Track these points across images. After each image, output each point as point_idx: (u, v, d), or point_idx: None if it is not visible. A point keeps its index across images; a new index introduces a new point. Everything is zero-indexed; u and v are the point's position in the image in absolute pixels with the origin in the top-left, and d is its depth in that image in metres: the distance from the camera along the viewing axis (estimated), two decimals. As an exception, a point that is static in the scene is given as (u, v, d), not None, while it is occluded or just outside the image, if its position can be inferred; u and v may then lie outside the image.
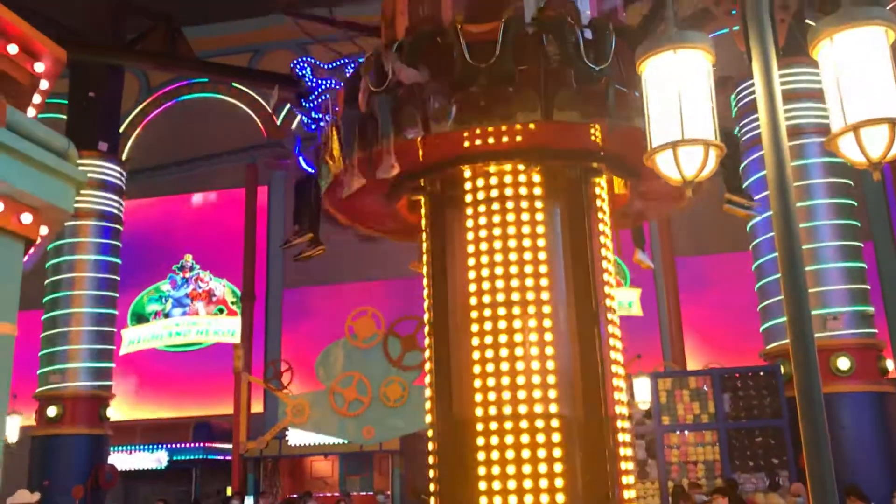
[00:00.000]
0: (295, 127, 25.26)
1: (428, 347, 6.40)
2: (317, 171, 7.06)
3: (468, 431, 5.96)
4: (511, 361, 5.95)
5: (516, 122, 5.92)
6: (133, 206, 23.15)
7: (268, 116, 25.70)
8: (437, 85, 5.99)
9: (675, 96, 3.41)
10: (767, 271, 15.80)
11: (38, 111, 5.65)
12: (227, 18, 24.81)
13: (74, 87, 20.29)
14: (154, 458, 22.21)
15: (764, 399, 14.12)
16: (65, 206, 4.54)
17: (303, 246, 7.78)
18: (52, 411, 18.30)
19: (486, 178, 6.31)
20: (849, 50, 3.26)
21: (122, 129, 23.87)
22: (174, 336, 24.89)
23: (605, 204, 6.65)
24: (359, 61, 7.20)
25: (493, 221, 6.22)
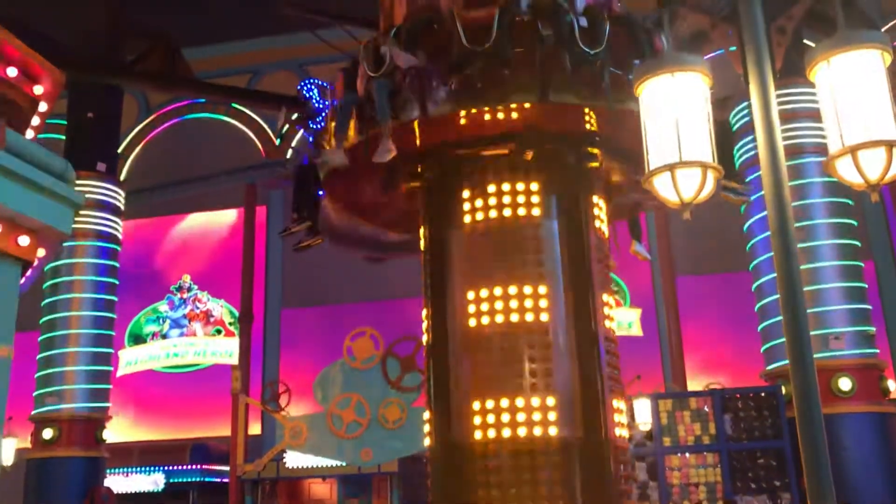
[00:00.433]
0: (295, 144, 25.34)
1: (427, 369, 6.37)
2: (318, 152, 7.08)
3: (467, 454, 5.91)
4: (510, 384, 5.92)
5: (512, 103, 5.98)
6: (131, 227, 23.16)
7: (266, 137, 25.77)
8: (434, 68, 6.04)
9: (673, 119, 3.41)
10: (767, 291, 15.78)
11: (37, 133, 5.66)
12: (226, 39, 24.94)
13: (73, 108, 20.34)
14: (151, 481, 22.04)
15: (765, 420, 14.05)
16: (63, 229, 4.53)
17: (301, 235, 7.83)
18: (48, 433, 18.18)
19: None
20: (845, 73, 3.27)
21: (121, 150, 23.92)
22: (172, 357, 24.80)
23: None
24: None
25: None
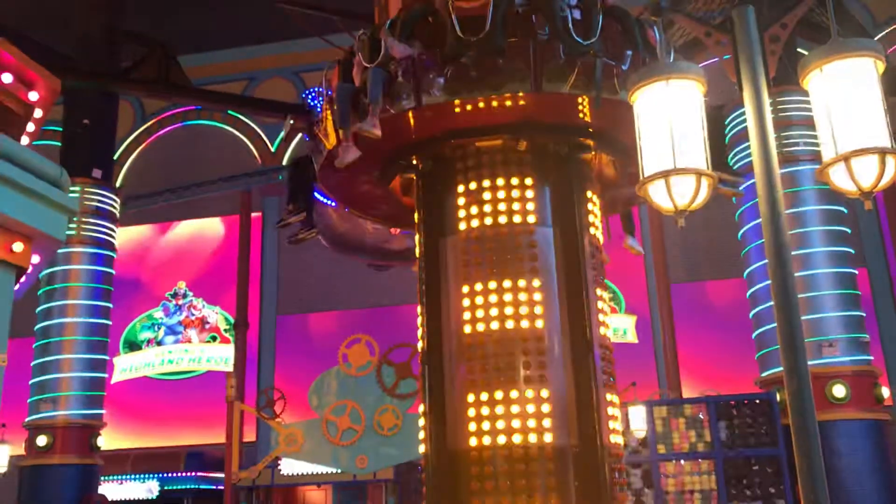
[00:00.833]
0: (291, 152, 25.34)
1: (422, 375, 6.36)
2: (315, 144, 7.10)
3: (462, 461, 5.90)
4: (505, 390, 5.91)
5: (506, 92, 6.02)
6: (126, 233, 23.12)
7: (262, 144, 25.78)
8: (429, 58, 6.11)
9: (667, 126, 3.43)
10: (762, 299, 15.81)
11: (33, 139, 5.66)
12: (223, 46, 24.98)
13: (69, 114, 20.32)
14: (145, 488, 21.95)
15: (760, 427, 14.05)
16: (57, 235, 4.53)
17: (296, 227, 7.87)
18: (42, 440, 18.11)
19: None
20: (839, 81, 3.29)
21: (117, 156, 23.90)
22: (166, 364, 24.74)
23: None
24: None
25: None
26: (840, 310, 15.31)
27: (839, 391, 14.74)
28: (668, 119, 3.45)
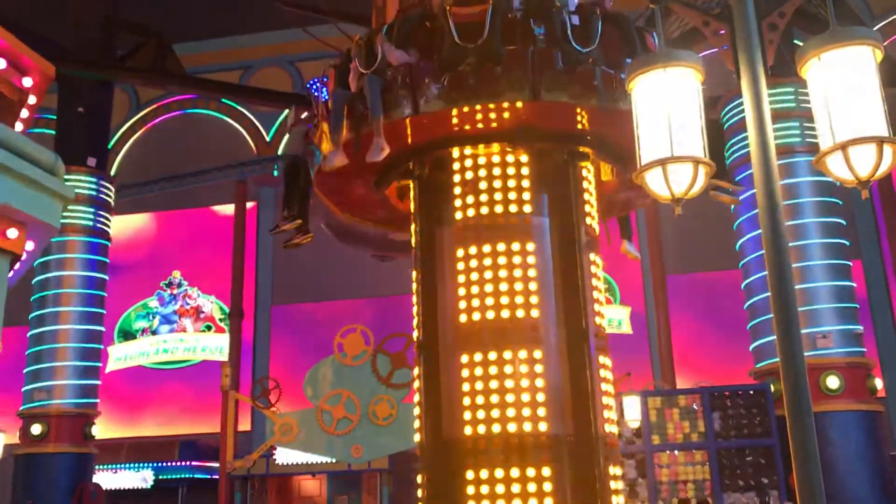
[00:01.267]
0: (286, 142, 25.27)
1: (417, 365, 6.36)
2: (308, 150, 7.04)
3: (457, 450, 5.91)
4: (500, 380, 5.92)
5: (504, 100, 5.96)
6: (121, 222, 23.06)
7: (257, 133, 25.71)
8: (426, 65, 6.04)
9: (665, 114, 3.41)
10: (756, 290, 15.85)
11: (26, 126, 5.63)
12: (218, 35, 24.86)
13: (63, 103, 20.25)
14: (140, 477, 21.97)
15: (754, 418, 14.10)
16: (51, 222, 4.51)
17: (291, 232, 7.79)
18: (36, 429, 18.10)
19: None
20: (837, 69, 3.27)
21: (111, 145, 23.82)
22: (161, 353, 24.72)
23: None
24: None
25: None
26: (834, 302, 15.37)
27: (833, 382, 14.81)
28: (665, 107, 3.44)
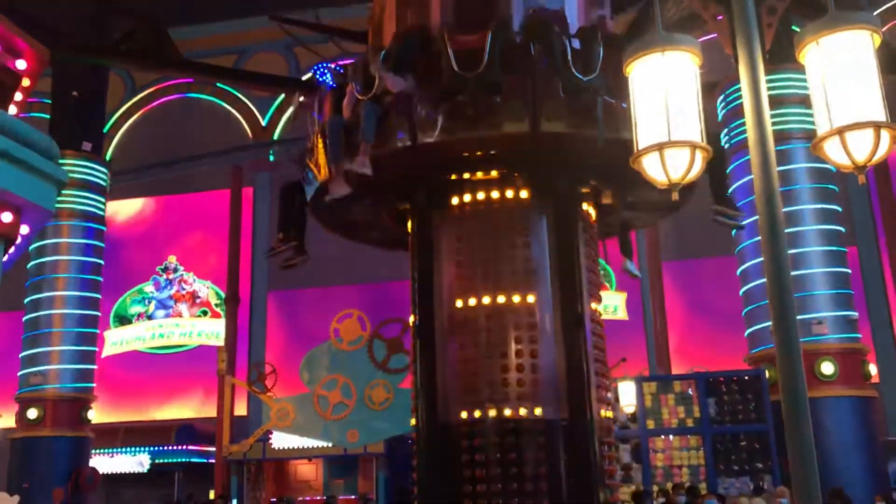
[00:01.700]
0: (282, 126, 25.17)
1: (413, 349, 6.37)
2: (307, 174, 6.95)
3: (453, 434, 5.93)
4: (496, 365, 5.93)
5: (504, 132, 5.83)
6: (117, 207, 23.00)
7: (253, 118, 25.61)
8: (425, 94, 5.91)
9: (662, 98, 3.40)
10: (752, 276, 15.87)
11: (21, 109, 5.60)
12: (213, 19, 24.70)
13: (58, 87, 20.14)
14: (136, 461, 22.02)
15: (749, 404, 14.14)
16: (46, 206, 4.50)
17: (288, 254, 7.70)
18: (32, 413, 18.12)
19: (473, 186, 6.23)
20: (835, 53, 3.26)
21: (107, 129, 23.71)
22: (157, 338, 24.73)
23: (592, 211, 6.60)
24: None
25: (479, 231, 6.14)
26: (830, 288, 15.40)
27: (827, 368, 14.87)
28: (663, 91, 3.42)
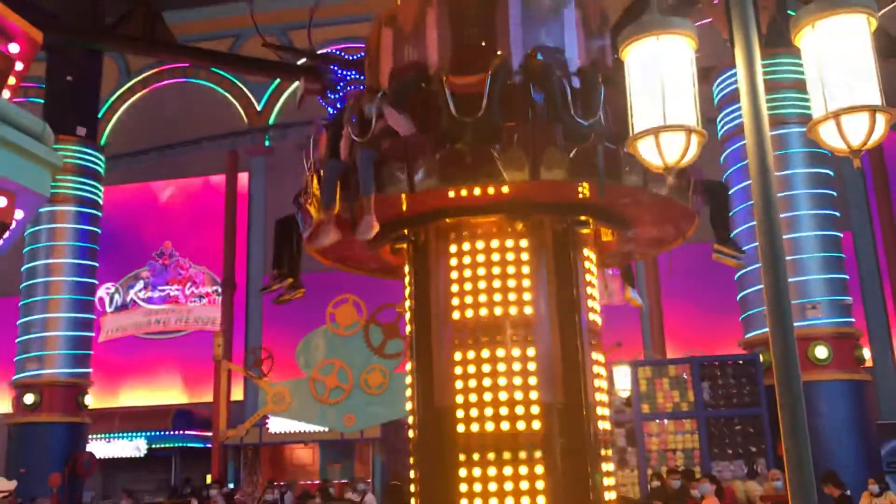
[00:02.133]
0: (278, 111, 25.08)
1: (409, 335, 6.38)
2: (298, 216, 6.89)
3: (449, 418, 5.95)
4: (492, 348, 5.95)
5: (503, 181, 5.74)
6: (112, 192, 22.93)
7: (248, 102, 25.51)
8: (422, 138, 5.81)
9: (658, 82, 3.39)
10: (748, 260, 15.89)
11: (14, 95, 5.56)
12: (208, 3, 24.56)
13: (52, 71, 20.04)
14: (133, 446, 22.09)
15: (743, 388, 14.24)
16: (40, 191, 4.47)
17: (282, 289, 7.69)
18: (29, 399, 18.16)
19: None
20: (831, 37, 3.26)
21: (101, 114, 23.61)
22: (154, 323, 24.74)
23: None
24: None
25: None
26: (824, 272, 15.45)
27: (821, 352, 14.95)
28: (658, 75, 3.42)
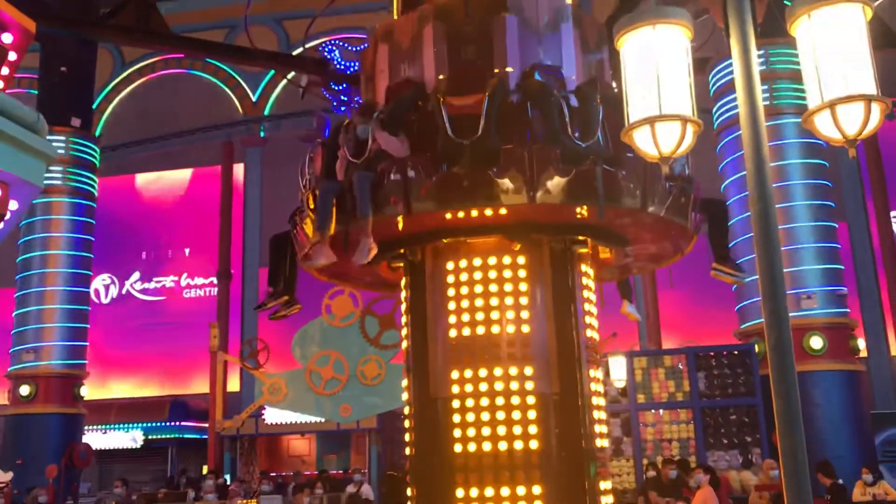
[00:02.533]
0: (273, 101, 25.02)
1: (405, 326, 6.38)
2: (293, 234, 6.87)
3: (445, 409, 5.96)
4: (487, 339, 5.95)
5: (500, 204, 5.70)
6: (107, 183, 22.88)
7: (244, 93, 25.43)
8: (419, 160, 5.74)
9: (653, 72, 3.40)
10: (743, 251, 15.91)
11: (7, 85, 5.53)
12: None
13: (46, 62, 19.94)
14: (129, 437, 22.11)
15: (738, 378, 14.28)
16: (35, 181, 4.46)
17: (277, 306, 7.68)
18: (24, 390, 18.14)
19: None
20: (826, 27, 3.26)
21: (96, 105, 23.52)
22: (149, 314, 24.74)
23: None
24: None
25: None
26: (819, 263, 15.49)
27: (816, 342, 14.99)
28: (654, 65, 3.42)
